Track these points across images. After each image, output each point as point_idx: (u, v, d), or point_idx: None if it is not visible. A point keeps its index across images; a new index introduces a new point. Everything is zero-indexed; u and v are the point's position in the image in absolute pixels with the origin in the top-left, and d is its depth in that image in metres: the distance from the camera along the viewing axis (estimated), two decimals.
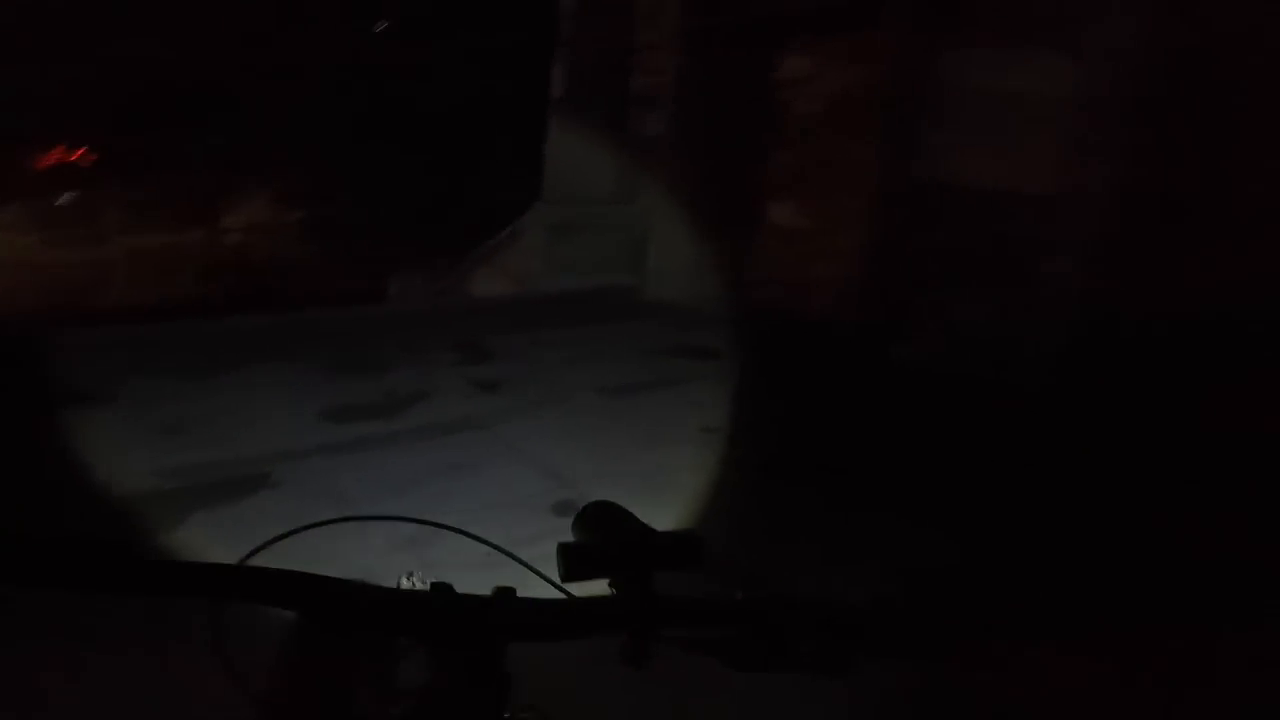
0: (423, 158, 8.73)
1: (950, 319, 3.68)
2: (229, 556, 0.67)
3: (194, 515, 2.50)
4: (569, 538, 0.68)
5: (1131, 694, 1.73)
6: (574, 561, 0.64)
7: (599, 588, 0.66)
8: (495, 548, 0.72)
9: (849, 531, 2.26)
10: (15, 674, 1.68)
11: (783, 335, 4.43)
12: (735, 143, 4.69)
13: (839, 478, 2.57)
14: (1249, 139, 2.51)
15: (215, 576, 0.59)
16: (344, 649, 0.65)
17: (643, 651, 0.64)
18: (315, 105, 9.07)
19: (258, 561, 0.68)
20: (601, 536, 0.68)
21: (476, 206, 8.35)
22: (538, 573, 0.70)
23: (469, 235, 7.84)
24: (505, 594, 0.64)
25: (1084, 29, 2.65)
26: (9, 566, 0.51)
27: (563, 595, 0.66)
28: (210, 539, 2.37)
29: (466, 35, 8.05)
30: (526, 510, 2.48)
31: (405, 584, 0.70)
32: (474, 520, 0.75)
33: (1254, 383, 2.42)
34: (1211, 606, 1.96)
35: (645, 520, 0.69)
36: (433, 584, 0.65)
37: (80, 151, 11.51)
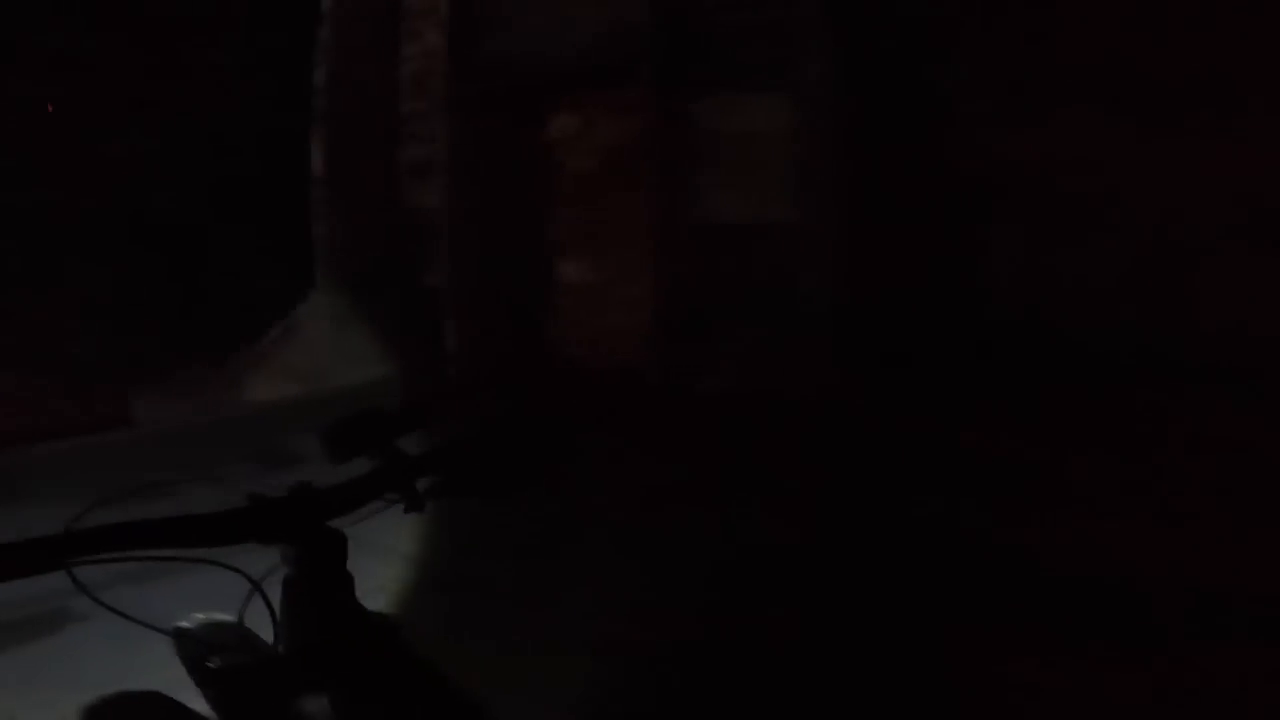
0: (160, 255, 7.81)
1: (739, 349, 4.02)
2: None
3: None
4: None
5: None
6: (334, 443, 0.83)
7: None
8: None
9: None
10: None
11: (588, 389, 4.55)
12: (518, 206, 4.81)
13: None
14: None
15: (53, 548, 0.66)
16: None
17: (418, 501, 0.84)
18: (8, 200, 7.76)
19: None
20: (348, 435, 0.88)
21: (235, 303, 7.60)
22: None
23: (230, 336, 7.09)
24: (306, 487, 0.81)
25: (790, 69, 3.16)
26: None
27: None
28: None
29: (203, 116, 7.48)
30: None
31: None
32: None
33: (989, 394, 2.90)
34: None
35: None
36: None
37: None
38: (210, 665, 0.96)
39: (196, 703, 0.94)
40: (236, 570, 0.85)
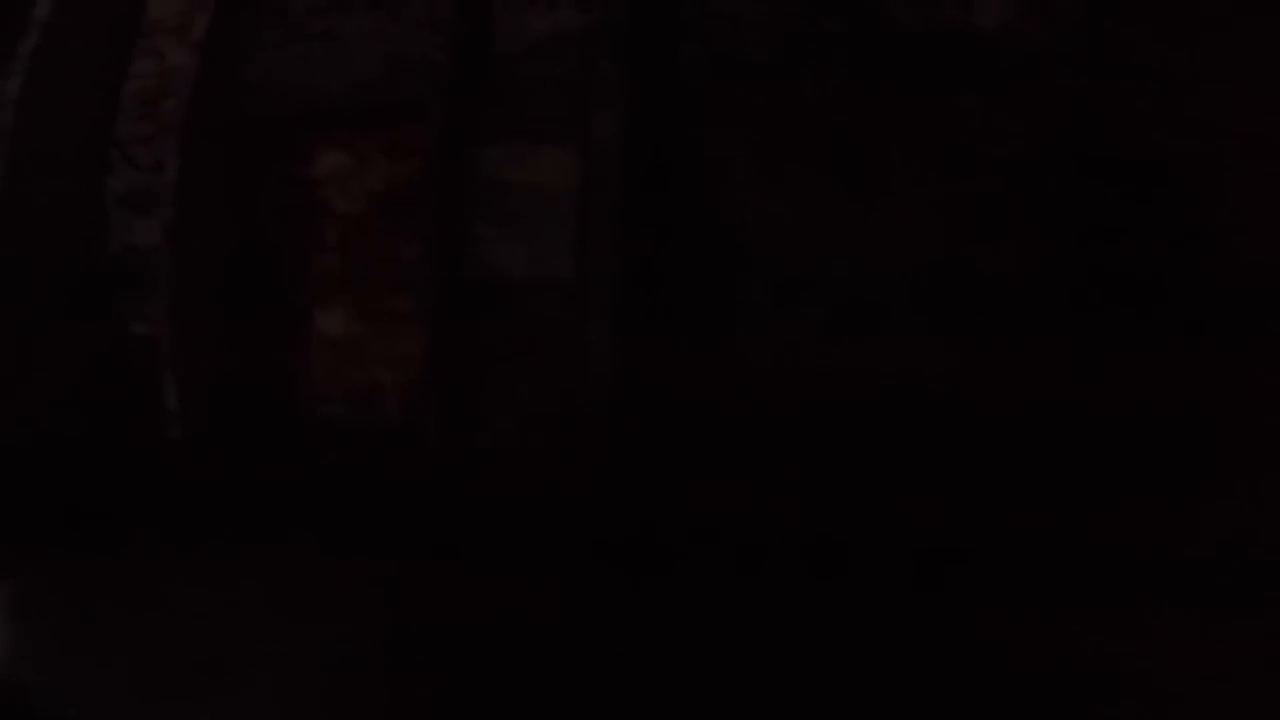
0: None
1: (514, 406, 4.04)
2: None
3: None
4: None
5: None
6: None
7: None
8: None
9: None
10: None
11: (354, 449, 4.24)
12: (266, 248, 4.40)
13: None
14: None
15: None
16: None
17: None
18: None
19: None
20: None
21: None
22: None
23: None
24: None
25: (580, 124, 3.39)
26: None
27: None
28: None
29: None
30: None
31: None
32: None
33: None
34: None
35: None
36: None
37: None
38: None
39: None
40: None
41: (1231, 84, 2.74)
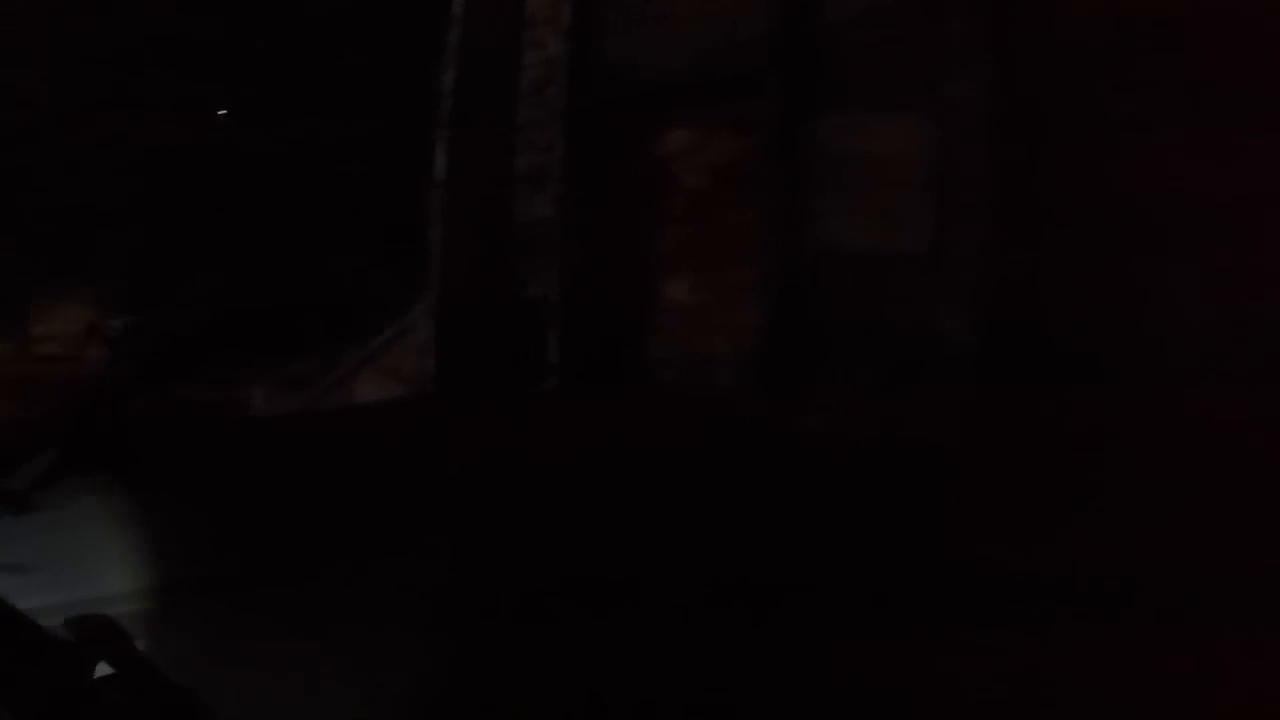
0: (280, 253, 8.56)
1: (852, 385, 3.89)
2: None
3: None
4: None
5: None
6: None
7: None
8: None
9: None
10: None
11: (687, 417, 4.52)
12: (627, 220, 4.90)
13: None
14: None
15: None
16: None
17: None
18: (144, 195, 8.76)
19: None
20: None
21: (348, 303, 8.19)
22: None
23: (342, 337, 7.64)
24: None
25: (937, 91, 3.04)
26: None
27: None
28: None
29: (332, 120, 8.14)
30: None
31: None
32: None
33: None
34: None
35: None
36: None
37: None
38: None
39: None
40: None
41: None
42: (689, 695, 1.95)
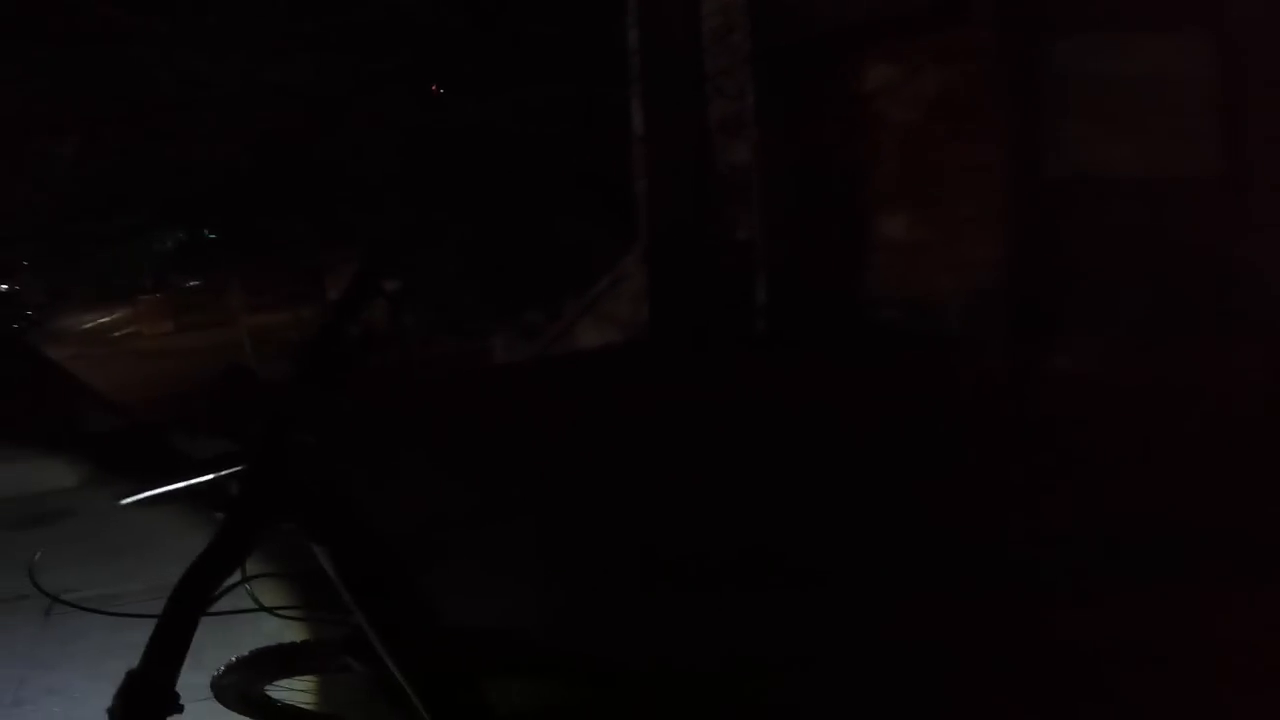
0: (505, 215, 9.14)
1: (1113, 319, 3.37)
2: None
3: None
4: None
5: None
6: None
7: None
8: None
9: None
10: None
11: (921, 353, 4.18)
12: (829, 161, 4.56)
13: None
14: None
15: None
16: None
17: None
18: (394, 172, 9.68)
19: None
20: None
21: (568, 258, 8.61)
22: None
23: (565, 288, 8.08)
24: None
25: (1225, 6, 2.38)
26: None
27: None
28: None
29: (535, 87, 8.38)
30: None
31: None
32: None
33: None
34: None
35: None
36: None
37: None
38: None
39: None
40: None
41: None
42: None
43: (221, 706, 1.25)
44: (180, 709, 0.67)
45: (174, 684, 0.68)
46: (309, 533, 0.92)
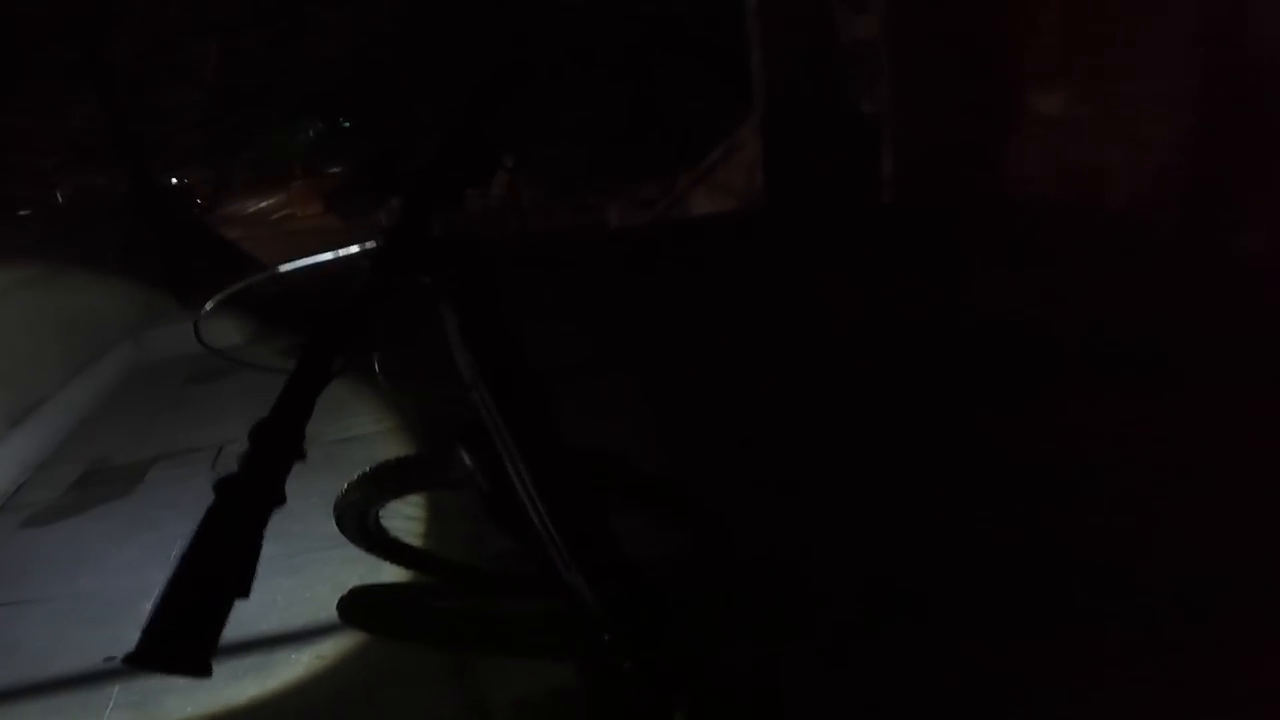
0: (616, 83, 8.68)
1: None
2: None
3: None
4: None
5: None
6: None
7: None
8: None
9: None
10: None
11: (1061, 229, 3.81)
12: (973, 32, 3.95)
13: None
14: None
15: None
16: None
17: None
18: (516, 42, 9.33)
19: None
20: None
21: (678, 125, 8.17)
22: None
23: (679, 160, 7.77)
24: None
25: None
26: None
27: None
28: None
29: None
30: None
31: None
32: None
33: None
34: None
35: None
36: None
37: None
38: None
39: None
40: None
41: None
42: None
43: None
44: (304, 455, 0.65)
45: (301, 434, 0.65)
46: (443, 292, 0.85)
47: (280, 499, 0.62)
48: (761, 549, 1.75)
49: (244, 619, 1.24)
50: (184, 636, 0.53)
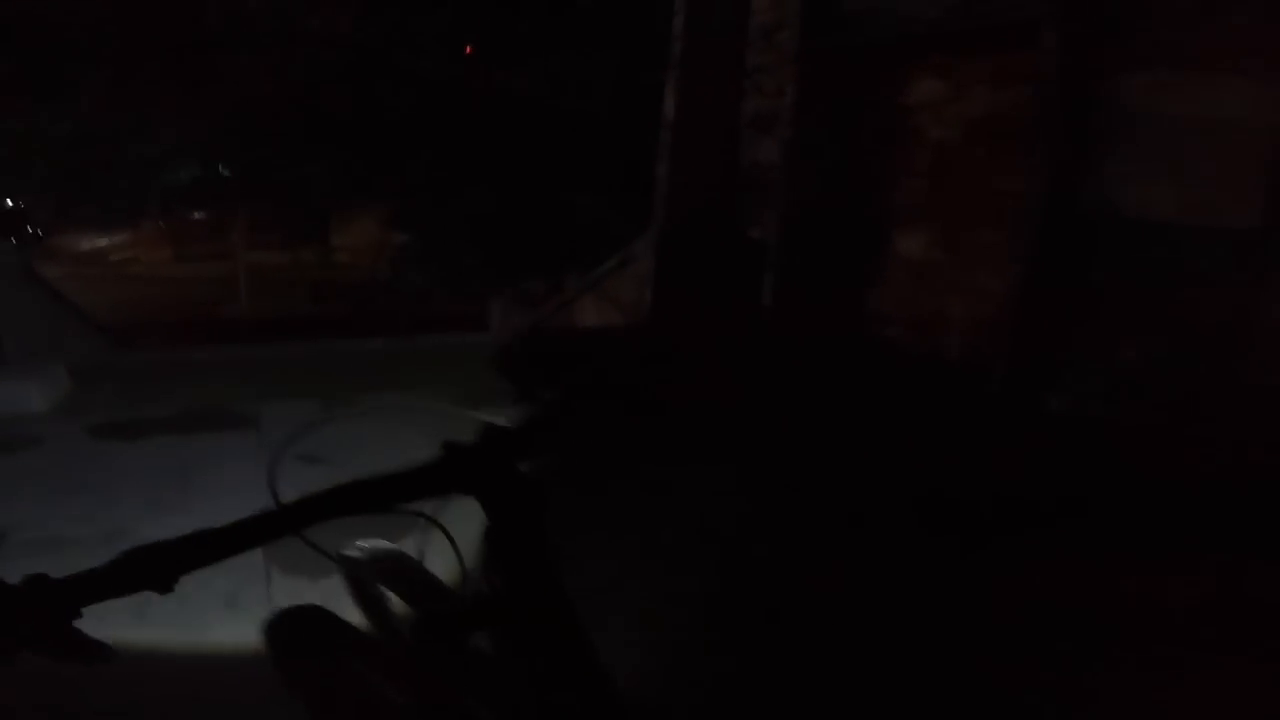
0: (521, 182, 8.97)
1: (1124, 364, 3.32)
2: None
3: None
4: None
5: None
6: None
7: None
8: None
9: None
10: None
11: (916, 378, 4.18)
12: (858, 170, 4.46)
13: None
14: None
15: (272, 523, 0.76)
16: None
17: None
18: (413, 129, 9.48)
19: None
20: None
21: (577, 232, 8.47)
22: None
23: (569, 262, 7.96)
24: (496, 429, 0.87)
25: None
26: None
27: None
28: None
29: (568, 58, 8.20)
30: None
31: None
32: None
33: None
34: None
35: None
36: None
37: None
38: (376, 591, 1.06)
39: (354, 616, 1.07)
40: (420, 514, 0.91)
41: None
42: None
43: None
44: None
45: None
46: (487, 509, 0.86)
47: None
48: None
49: None
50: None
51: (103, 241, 16.73)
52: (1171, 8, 2.64)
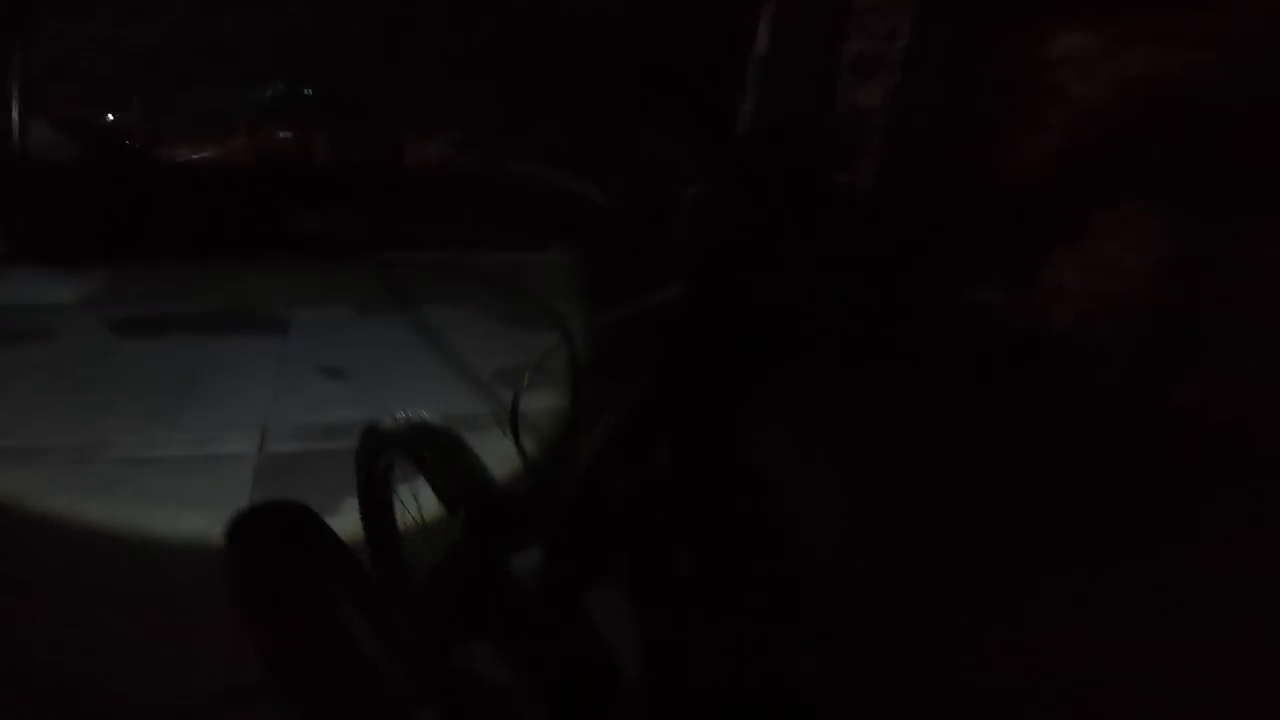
0: (591, 116, 8.57)
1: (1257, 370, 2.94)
2: None
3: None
4: None
5: None
6: None
7: None
8: None
9: None
10: None
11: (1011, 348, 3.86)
12: (973, 124, 3.99)
13: None
14: None
15: None
16: None
17: None
18: (488, 54, 9.13)
19: None
20: None
21: (642, 170, 8.08)
22: None
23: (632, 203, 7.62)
24: None
25: None
26: None
27: None
28: None
29: None
30: None
31: None
32: None
33: None
34: None
35: None
36: None
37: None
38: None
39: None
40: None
41: None
42: None
43: None
44: None
45: None
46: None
47: None
48: None
49: None
50: None
51: (195, 156, 17.13)
52: None
